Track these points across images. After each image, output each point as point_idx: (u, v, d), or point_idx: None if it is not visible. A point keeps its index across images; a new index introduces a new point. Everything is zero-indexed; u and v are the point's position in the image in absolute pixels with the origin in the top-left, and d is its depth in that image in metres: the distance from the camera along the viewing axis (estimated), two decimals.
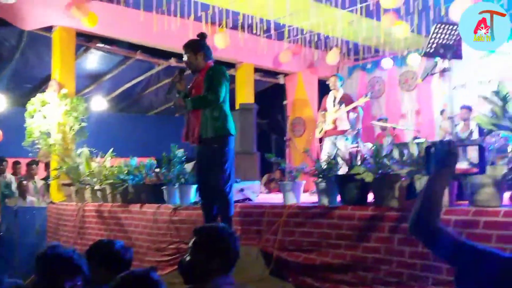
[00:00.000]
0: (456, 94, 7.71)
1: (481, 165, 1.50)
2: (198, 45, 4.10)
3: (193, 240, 2.28)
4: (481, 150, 1.50)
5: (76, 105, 7.22)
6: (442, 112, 8.63)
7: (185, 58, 4.09)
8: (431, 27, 5.10)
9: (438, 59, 5.84)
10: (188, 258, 2.25)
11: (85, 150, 6.75)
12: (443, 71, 5.36)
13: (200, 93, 4.00)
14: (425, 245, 1.42)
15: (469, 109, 7.54)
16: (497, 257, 1.27)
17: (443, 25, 5.00)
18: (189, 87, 4.14)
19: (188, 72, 4.21)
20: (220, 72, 4.04)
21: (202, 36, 4.18)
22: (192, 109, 4.00)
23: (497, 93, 3.16)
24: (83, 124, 7.31)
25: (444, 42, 5.01)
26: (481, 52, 8.51)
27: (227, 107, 4.07)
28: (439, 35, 4.97)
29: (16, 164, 9.02)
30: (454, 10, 6.58)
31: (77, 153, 6.96)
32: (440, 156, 1.46)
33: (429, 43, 5.00)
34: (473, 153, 1.50)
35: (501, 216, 2.85)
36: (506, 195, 3.29)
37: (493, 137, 3.50)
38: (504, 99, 3.12)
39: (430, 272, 3.04)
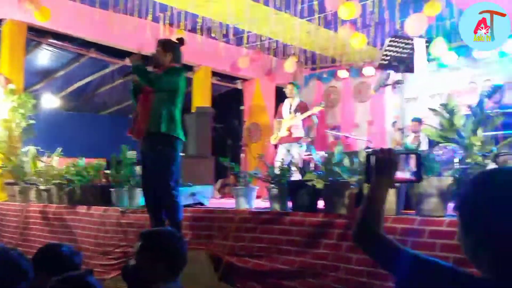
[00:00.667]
0: (407, 107, 7.93)
1: (418, 173, 1.52)
2: (171, 46, 4.11)
3: (139, 244, 2.22)
4: (418, 159, 1.52)
5: (24, 101, 6.95)
6: (393, 123, 8.86)
7: (154, 51, 4.06)
8: (385, 40, 5.23)
9: (391, 71, 6.00)
10: (132, 263, 2.19)
11: (32, 149, 6.50)
12: (396, 83, 5.49)
13: (148, 89, 3.97)
14: (366, 253, 1.41)
15: (419, 121, 7.77)
16: (438, 266, 1.28)
17: (397, 39, 5.15)
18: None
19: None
20: (177, 70, 4.05)
21: (180, 41, 4.19)
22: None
23: (445, 105, 3.24)
24: (31, 121, 7.04)
25: (397, 55, 5.15)
26: (433, 66, 8.82)
27: (178, 111, 4.03)
28: (393, 48, 5.11)
29: None
30: (409, 25, 6.78)
31: (23, 152, 6.68)
32: (380, 164, 1.46)
33: (383, 55, 5.13)
34: (413, 163, 1.53)
35: (445, 225, 2.92)
36: (451, 205, 3.38)
37: (441, 149, 3.60)
38: (452, 112, 3.21)
39: (376, 280, 3.07)
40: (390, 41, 5.07)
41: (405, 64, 5.23)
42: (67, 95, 10.49)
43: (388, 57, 5.09)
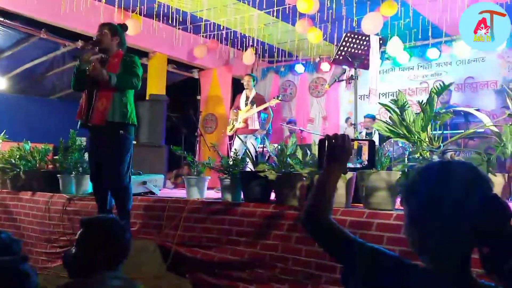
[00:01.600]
0: (361, 103, 8.07)
1: (370, 159, 1.53)
2: (117, 30, 3.99)
3: (79, 232, 2.16)
4: (371, 146, 1.53)
5: None
6: (347, 119, 9.02)
7: (98, 34, 3.90)
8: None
9: (346, 67, 6.07)
10: (73, 251, 2.12)
11: None
12: (350, 79, 5.55)
13: None
14: (314, 238, 1.41)
15: (372, 118, 7.93)
16: (384, 255, 1.29)
17: (353, 35, 5.20)
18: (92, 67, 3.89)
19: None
20: (138, 61, 4.00)
21: (124, 27, 4.12)
22: (112, 85, 3.74)
23: (395, 101, 3.31)
24: None
25: (353, 51, 5.20)
26: (387, 65, 9.03)
27: (132, 97, 3.95)
28: (348, 43, 5.16)
29: None
30: (366, 23, 6.89)
31: None
32: (332, 150, 1.45)
33: (338, 50, 5.17)
34: (366, 152, 1.53)
35: (393, 219, 2.98)
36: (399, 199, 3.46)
37: (391, 145, 3.68)
38: (402, 108, 3.27)
39: (324, 272, 3.11)
40: (346, 36, 5.11)
41: (360, 60, 5.29)
42: (14, 76, 10.03)
43: (344, 52, 5.14)
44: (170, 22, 8.14)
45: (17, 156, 5.32)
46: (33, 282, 1.60)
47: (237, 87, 8.80)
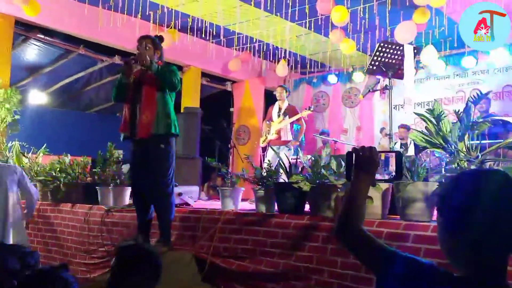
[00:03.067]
0: (396, 113, 7.97)
1: (398, 170, 1.54)
2: (159, 44, 4.08)
3: (114, 258, 2.24)
4: (398, 157, 1.54)
5: (10, 96, 6.84)
6: (381, 130, 8.91)
7: (141, 48, 3.93)
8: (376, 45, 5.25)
9: (380, 77, 6.02)
10: (109, 277, 2.20)
11: (16, 144, 6.41)
12: (384, 89, 5.50)
13: (152, 88, 3.88)
14: (347, 248, 1.43)
15: (407, 128, 7.82)
16: (418, 263, 1.29)
17: (387, 44, 5.15)
18: (133, 79, 3.97)
19: None
20: (176, 70, 4.02)
21: (161, 39, 4.18)
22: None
23: (431, 111, 3.26)
24: (16, 116, 6.94)
25: (386, 60, 5.15)
26: (422, 74, 8.90)
27: (173, 107, 4.02)
28: (382, 53, 5.11)
29: None
30: (399, 32, 6.83)
31: (7, 147, 6.58)
32: (360, 161, 1.47)
33: (372, 60, 5.13)
34: (393, 163, 1.55)
35: (430, 231, 2.93)
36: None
37: (428, 155, 3.61)
38: (438, 118, 3.22)
39: (360, 284, 3.07)
40: (380, 46, 5.07)
41: (394, 70, 5.23)
42: (54, 91, 10.39)
43: (377, 62, 5.10)
44: (203, 36, 8.27)
45: (58, 169, 5.48)
46: None
47: (270, 98, 8.85)
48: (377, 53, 5.09)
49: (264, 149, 7.47)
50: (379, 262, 1.31)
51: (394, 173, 1.53)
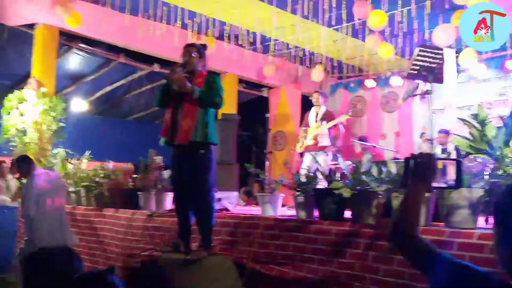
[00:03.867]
0: (435, 118, 7.82)
1: (458, 179, 1.52)
2: (203, 52, 4.15)
3: None
4: (459, 165, 1.52)
5: (55, 104, 7.10)
6: (421, 135, 8.74)
7: (187, 57, 4.00)
8: (414, 50, 5.18)
9: (420, 81, 5.93)
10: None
11: (61, 151, 6.64)
12: (424, 93, 5.41)
13: (193, 98, 3.93)
14: (401, 253, 1.43)
15: (447, 133, 7.65)
16: (472, 270, 1.28)
17: (426, 48, 5.08)
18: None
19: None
20: (220, 81, 4.08)
21: (205, 47, 4.24)
22: (195, 97, 3.86)
23: (475, 116, 3.19)
24: (61, 124, 7.19)
25: (426, 65, 5.08)
26: (462, 77, 8.70)
27: (213, 117, 4.07)
28: (422, 57, 5.04)
29: None
30: (437, 35, 6.71)
31: (53, 154, 6.82)
32: (418, 168, 1.46)
33: (412, 64, 5.07)
34: (451, 171, 1.52)
35: (475, 238, 2.87)
36: (482, 218, 3.32)
37: (471, 161, 3.54)
38: (483, 123, 3.16)
39: None
40: (420, 50, 5.00)
41: (434, 74, 5.15)
42: (95, 99, 10.68)
43: (418, 67, 5.02)
44: (240, 43, 8.36)
45: (101, 175, 5.65)
46: None
47: (306, 104, 8.84)
48: (417, 58, 5.02)
49: (301, 155, 7.45)
50: (434, 268, 1.31)
51: (450, 181, 1.51)
